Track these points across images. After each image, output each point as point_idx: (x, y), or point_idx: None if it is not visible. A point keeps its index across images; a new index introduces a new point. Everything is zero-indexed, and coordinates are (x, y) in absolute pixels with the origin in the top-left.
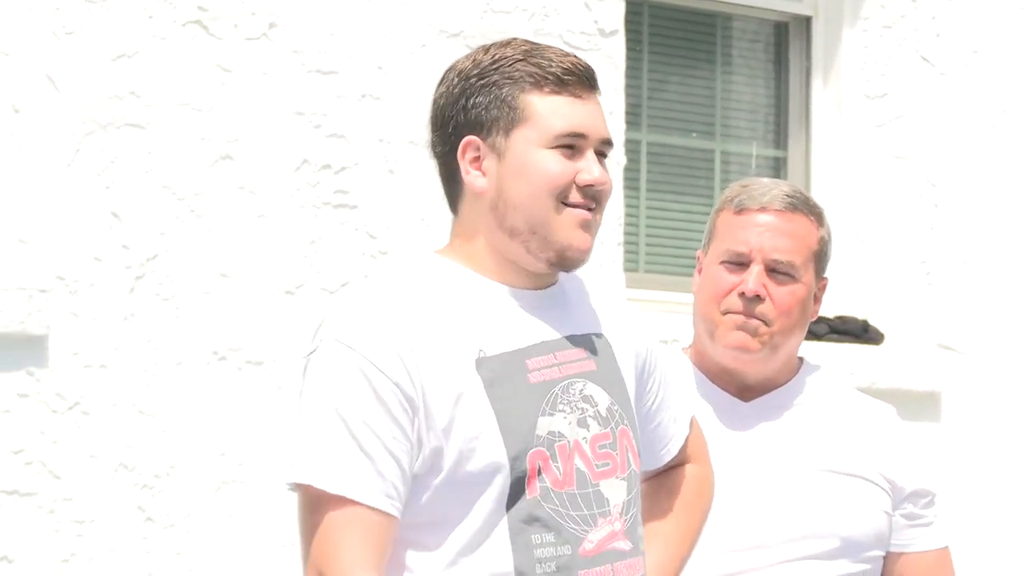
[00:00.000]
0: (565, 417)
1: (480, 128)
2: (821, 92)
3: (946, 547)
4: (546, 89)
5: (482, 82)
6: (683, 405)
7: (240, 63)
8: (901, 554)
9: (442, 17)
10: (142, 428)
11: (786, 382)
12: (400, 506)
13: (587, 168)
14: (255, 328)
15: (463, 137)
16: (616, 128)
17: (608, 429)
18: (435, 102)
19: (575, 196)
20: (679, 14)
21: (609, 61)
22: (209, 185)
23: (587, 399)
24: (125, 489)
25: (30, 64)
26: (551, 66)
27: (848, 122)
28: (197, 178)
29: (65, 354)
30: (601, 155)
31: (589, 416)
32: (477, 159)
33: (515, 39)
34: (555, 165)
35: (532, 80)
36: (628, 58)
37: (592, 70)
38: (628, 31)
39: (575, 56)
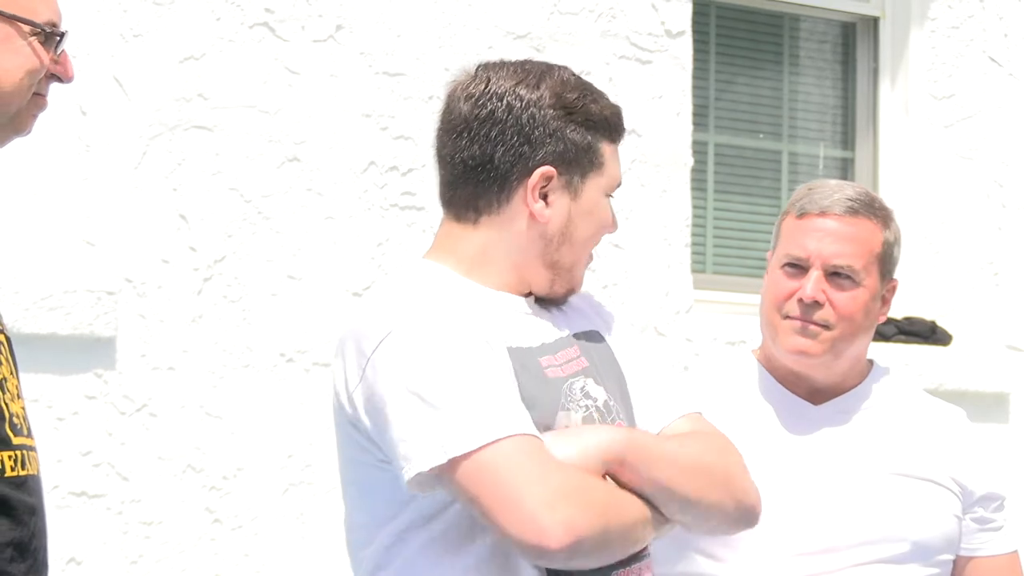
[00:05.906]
0: (574, 414)
1: (562, 163)
2: (888, 93)
3: (1015, 551)
4: (614, 140)
5: (574, 117)
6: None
7: (307, 65)
8: (971, 558)
9: (509, 19)
10: (210, 430)
11: (855, 385)
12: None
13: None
14: (323, 330)
15: (542, 164)
16: (683, 129)
17: (607, 423)
18: (522, 107)
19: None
20: (746, 15)
21: (676, 62)
22: (276, 187)
23: (586, 395)
24: (193, 491)
25: (98, 67)
26: (612, 116)
27: (915, 123)
28: (264, 180)
29: (133, 356)
30: None
31: (593, 411)
32: (544, 188)
33: (564, 68)
34: (610, 214)
35: (606, 130)
36: (695, 59)
37: None
38: (695, 32)
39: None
